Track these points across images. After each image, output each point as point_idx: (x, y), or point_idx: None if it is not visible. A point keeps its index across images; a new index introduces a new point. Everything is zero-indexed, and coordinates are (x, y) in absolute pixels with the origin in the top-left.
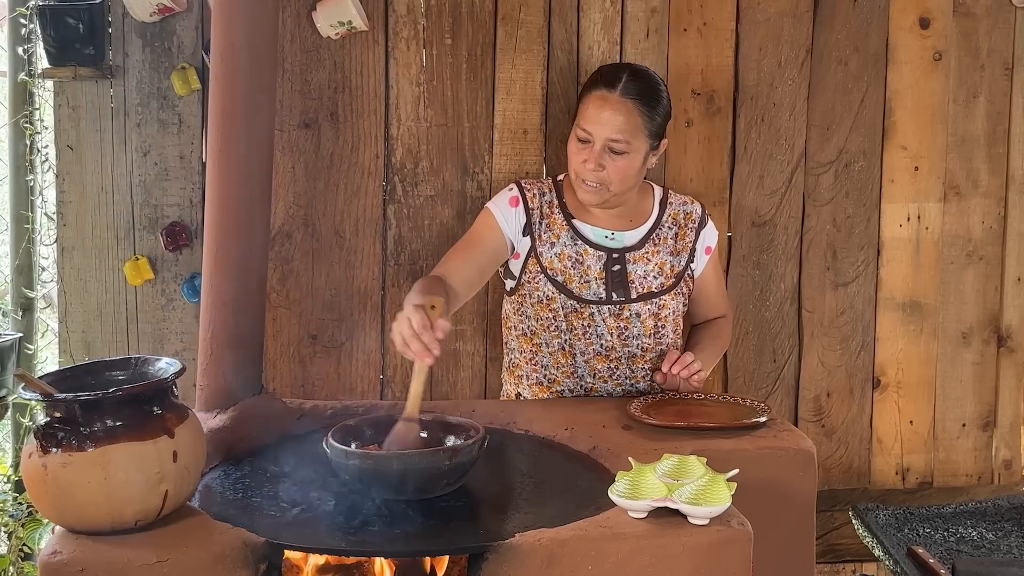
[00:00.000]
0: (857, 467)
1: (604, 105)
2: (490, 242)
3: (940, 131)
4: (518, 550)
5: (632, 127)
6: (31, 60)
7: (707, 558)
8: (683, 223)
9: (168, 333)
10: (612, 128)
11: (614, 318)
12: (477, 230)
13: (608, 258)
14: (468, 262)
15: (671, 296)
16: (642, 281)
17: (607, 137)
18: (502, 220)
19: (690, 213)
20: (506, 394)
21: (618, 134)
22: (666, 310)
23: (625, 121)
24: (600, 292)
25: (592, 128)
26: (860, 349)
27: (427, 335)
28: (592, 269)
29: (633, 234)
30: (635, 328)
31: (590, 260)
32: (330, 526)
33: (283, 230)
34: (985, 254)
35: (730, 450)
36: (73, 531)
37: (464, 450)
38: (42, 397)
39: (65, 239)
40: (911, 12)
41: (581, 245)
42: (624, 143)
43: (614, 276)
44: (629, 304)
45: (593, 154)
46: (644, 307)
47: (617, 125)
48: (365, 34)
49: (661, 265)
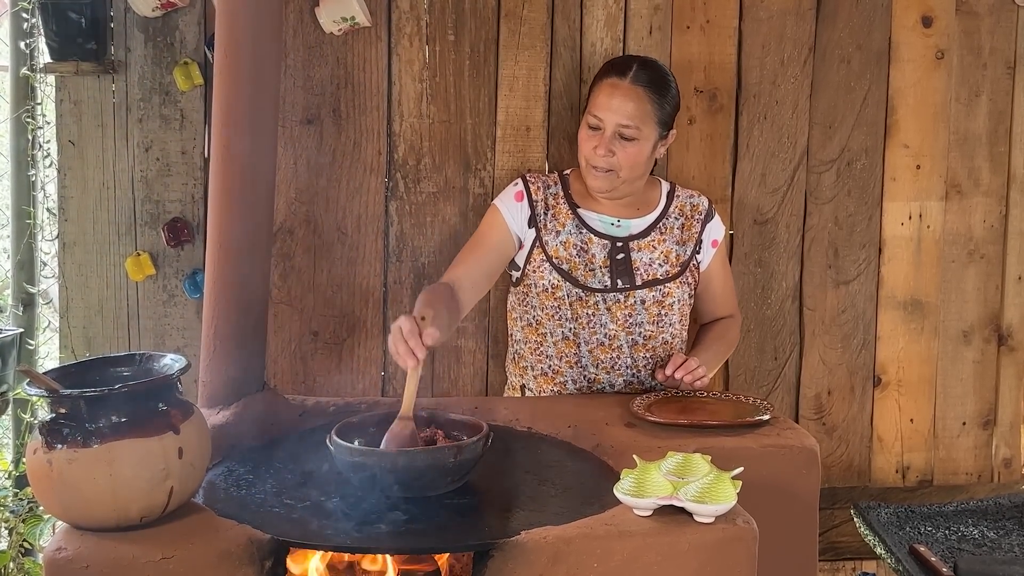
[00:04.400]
0: (858, 465)
1: (615, 92)
2: (498, 242)
3: (942, 130)
4: (524, 548)
5: (642, 113)
6: (33, 55)
7: (713, 556)
8: (690, 214)
9: (169, 329)
10: (623, 114)
11: (619, 306)
12: (484, 230)
13: (612, 246)
14: (477, 264)
15: (676, 284)
16: (647, 268)
17: (617, 123)
18: (509, 217)
19: (696, 205)
20: (511, 386)
21: (628, 120)
22: (671, 298)
23: (635, 107)
24: (605, 280)
25: (603, 114)
26: (861, 347)
27: (413, 340)
28: (597, 257)
29: (639, 222)
30: (640, 315)
31: (595, 248)
32: (335, 523)
33: (285, 226)
34: (986, 253)
35: (734, 448)
36: (78, 527)
37: (469, 447)
38: (47, 393)
39: (66, 234)
40: (913, 10)
41: (586, 234)
42: (634, 128)
43: (618, 264)
44: (634, 291)
45: (604, 140)
46: (649, 294)
47: (627, 111)
48: (368, 30)
49: (667, 253)
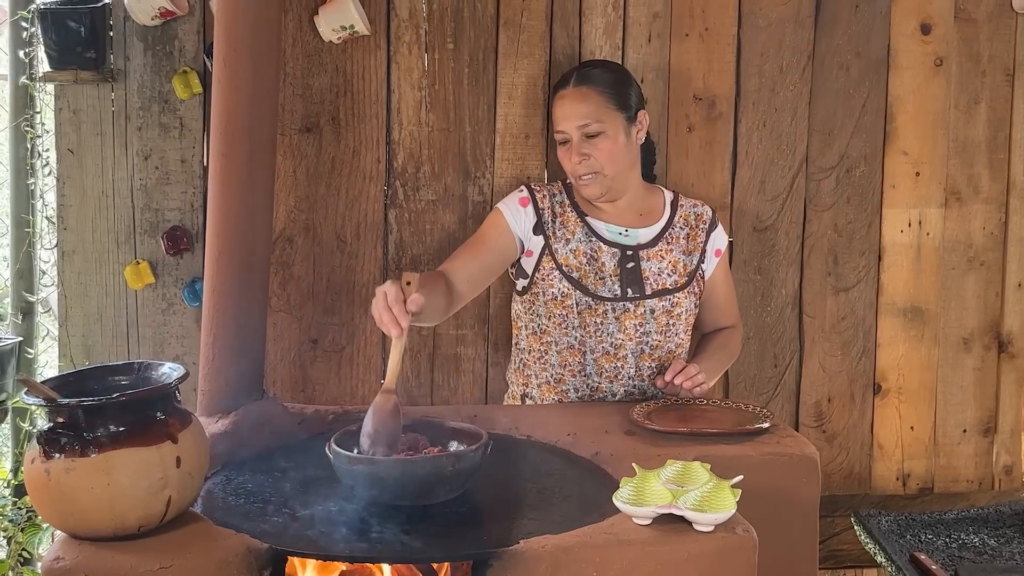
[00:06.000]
0: (858, 473)
1: (564, 101)
2: (498, 242)
3: (941, 137)
4: (522, 557)
5: (596, 107)
6: (32, 63)
7: (712, 565)
8: (694, 224)
9: (169, 337)
10: (577, 115)
11: (628, 315)
12: (485, 230)
13: (623, 255)
14: (474, 260)
15: (684, 294)
16: (656, 278)
17: (577, 126)
18: (511, 219)
19: (700, 215)
20: (511, 395)
21: (585, 119)
22: (679, 308)
23: (586, 106)
24: (615, 289)
25: (562, 125)
26: (861, 354)
27: (397, 307)
28: (607, 266)
29: (647, 231)
30: (648, 325)
31: (605, 257)
32: (333, 532)
33: (284, 234)
34: (986, 260)
35: (733, 456)
36: (76, 537)
37: (467, 456)
38: (45, 402)
39: (66, 243)
40: (912, 18)
41: (596, 242)
42: (595, 123)
43: (628, 273)
44: (644, 300)
45: (574, 147)
46: (658, 303)
47: (581, 112)
48: (367, 38)
49: (675, 263)
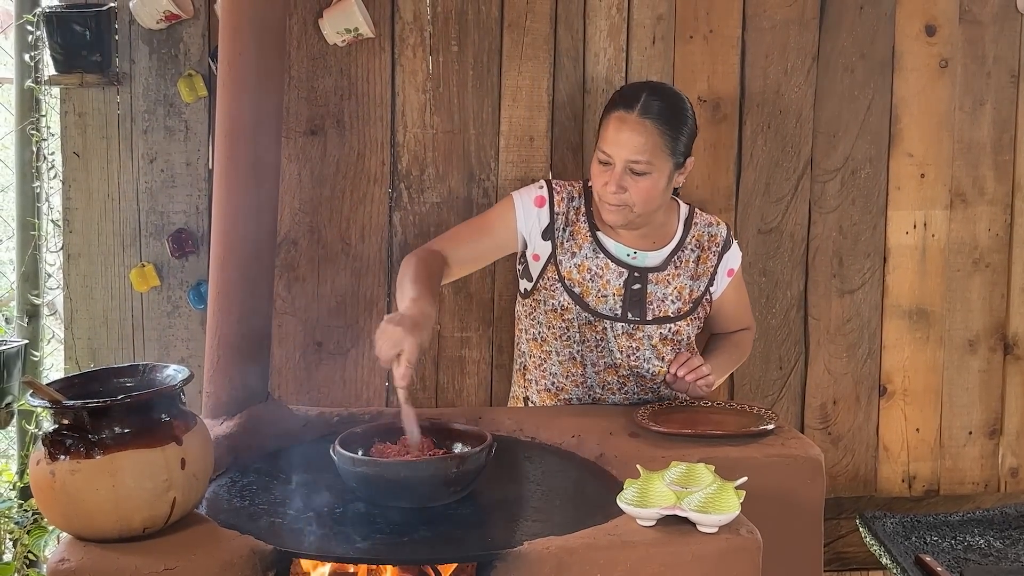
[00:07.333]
0: (863, 475)
1: (622, 127)
2: (501, 235)
3: (946, 138)
4: (527, 558)
5: (652, 147)
6: (38, 67)
7: (716, 566)
8: (706, 245)
9: (174, 340)
10: (631, 149)
11: (626, 337)
12: (492, 219)
13: (630, 276)
14: (472, 243)
15: (686, 323)
16: (660, 304)
17: (627, 159)
18: (521, 216)
19: (715, 236)
20: (515, 396)
21: (638, 155)
22: (680, 335)
23: (645, 142)
24: (616, 308)
25: (611, 150)
26: (866, 357)
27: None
28: (611, 284)
29: (655, 255)
30: (646, 351)
31: (610, 275)
32: (338, 534)
33: (289, 237)
34: (991, 262)
35: (738, 458)
36: (81, 538)
37: (471, 457)
38: (50, 404)
39: (71, 246)
40: (917, 19)
41: (603, 259)
42: (645, 163)
43: (633, 295)
44: (643, 325)
45: (614, 176)
46: (657, 330)
47: (636, 146)
48: (371, 41)
49: (680, 290)
